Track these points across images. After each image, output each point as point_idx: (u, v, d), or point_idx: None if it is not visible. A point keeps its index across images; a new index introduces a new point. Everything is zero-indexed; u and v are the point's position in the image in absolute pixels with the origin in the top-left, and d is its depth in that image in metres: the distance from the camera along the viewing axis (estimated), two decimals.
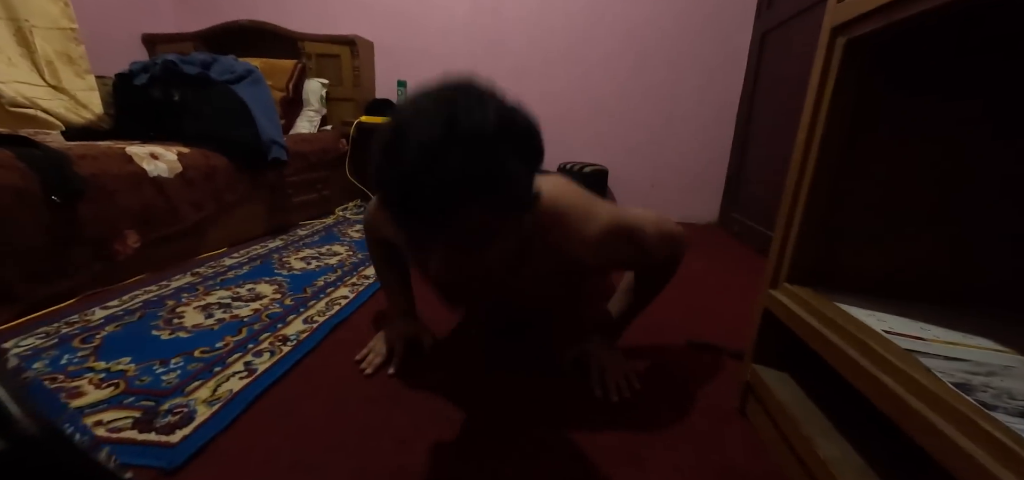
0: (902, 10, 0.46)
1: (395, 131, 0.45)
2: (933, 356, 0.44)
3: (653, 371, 0.84)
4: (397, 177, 0.44)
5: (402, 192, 0.45)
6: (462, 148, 0.43)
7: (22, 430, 0.25)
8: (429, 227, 0.47)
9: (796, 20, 1.72)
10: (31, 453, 0.25)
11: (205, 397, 0.69)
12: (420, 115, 0.45)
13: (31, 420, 0.25)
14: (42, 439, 0.26)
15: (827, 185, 0.59)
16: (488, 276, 0.58)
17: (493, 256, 0.52)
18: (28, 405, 0.26)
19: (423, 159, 0.42)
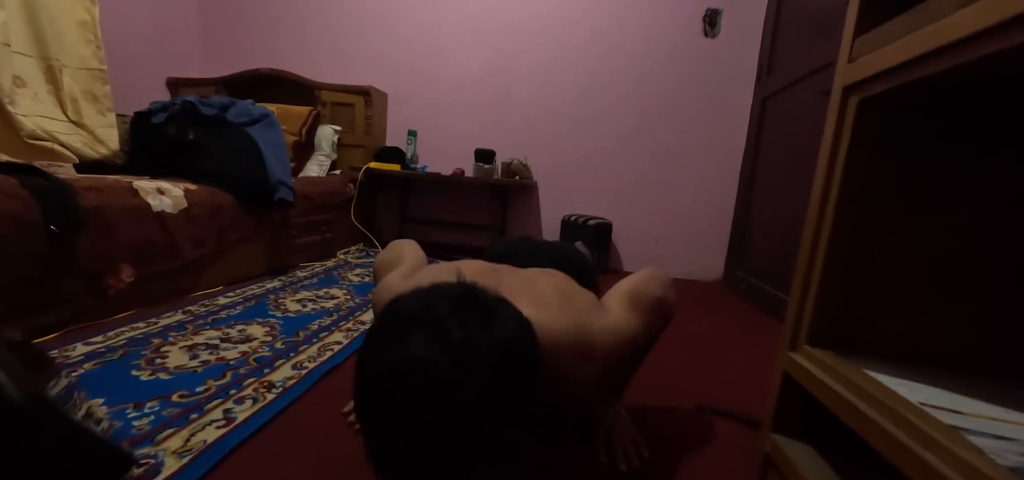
0: (916, 70, 0.46)
1: (383, 402, 0.41)
2: (978, 434, 0.39)
3: (661, 437, 0.78)
4: (386, 458, 0.43)
5: (392, 470, 0.43)
6: (458, 429, 0.40)
7: (8, 397, 0.26)
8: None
9: (794, 88, 1.78)
10: (14, 417, 0.26)
11: (176, 447, 0.63)
12: (412, 383, 0.40)
13: (16, 387, 0.27)
14: (25, 405, 0.27)
15: (844, 246, 0.57)
16: None
17: None
18: (17, 375, 0.27)
19: (417, 442, 0.40)
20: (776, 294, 1.68)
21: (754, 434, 0.76)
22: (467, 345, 0.42)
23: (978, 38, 0.39)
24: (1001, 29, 0.37)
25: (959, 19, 0.40)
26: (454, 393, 0.40)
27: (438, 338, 0.42)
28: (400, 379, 0.41)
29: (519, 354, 0.45)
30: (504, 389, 0.43)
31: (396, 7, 2.41)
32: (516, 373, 0.45)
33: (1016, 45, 0.36)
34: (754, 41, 2.17)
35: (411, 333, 0.43)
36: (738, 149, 2.25)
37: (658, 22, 2.26)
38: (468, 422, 0.41)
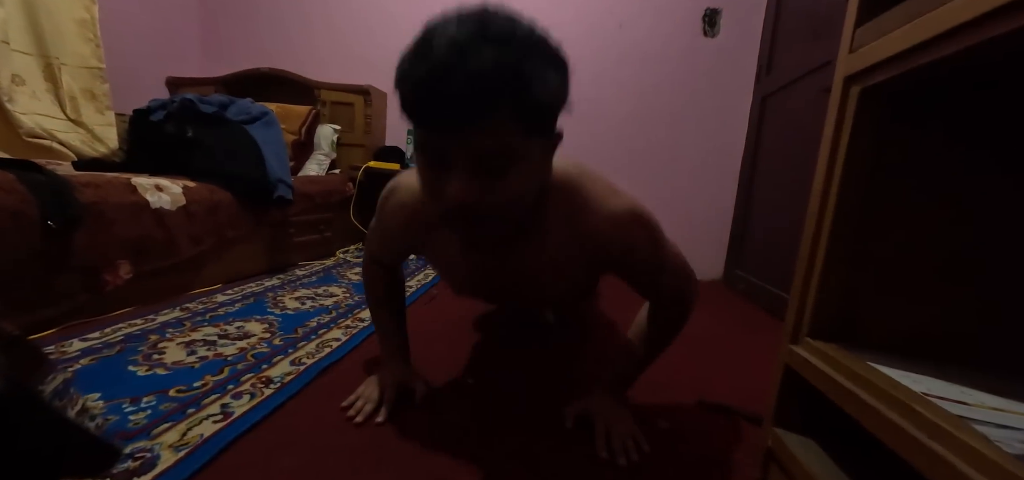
0: (916, 58, 0.46)
1: (425, 33, 0.45)
2: (984, 423, 0.39)
3: (662, 432, 0.77)
4: (426, 72, 0.43)
5: (431, 89, 0.43)
6: (495, 47, 0.43)
7: None
8: (458, 129, 0.45)
9: (794, 86, 1.78)
10: None
11: (172, 442, 0.62)
12: (450, 20, 0.45)
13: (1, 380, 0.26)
14: (7, 395, 0.27)
15: (846, 237, 0.56)
16: (505, 217, 0.53)
17: (514, 184, 0.49)
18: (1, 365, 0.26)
19: (455, 53, 0.42)
20: (776, 293, 1.67)
21: (755, 430, 0.76)
22: (506, 8, 0.46)
23: (975, 24, 0.38)
24: (997, 15, 0.37)
25: (957, 6, 0.40)
26: (494, 18, 0.45)
27: (476, 7, 0.46)
28: (455, 22, 0.44)
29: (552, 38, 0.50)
30: (547, 38, 0.49)
31: (396, 6, 2.41)
32: (552, 40, 0.50)
33: (1011, 31, 0.36)
34: (753, 40, 2.17)
35: (449, 12, 0.46)
36: (738, 148, 2.25)
37: (657, 22, 2.26)
38: (528, 36, 0.46)
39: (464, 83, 0.42)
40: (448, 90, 0.42)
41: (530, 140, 0.49)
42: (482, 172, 0.47)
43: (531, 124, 0.48)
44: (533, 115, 0.47)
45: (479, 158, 0.47)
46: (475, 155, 0.46)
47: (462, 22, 0.44)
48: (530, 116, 0.47)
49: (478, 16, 0.45)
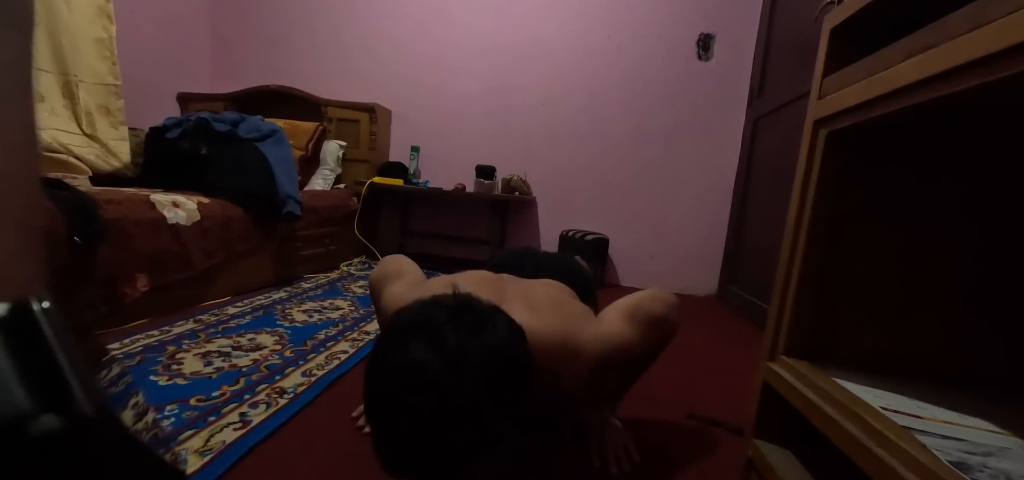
0: (875, 109, 0.52)
1: (385, 402, 0.47)
2: (930, 434, 0.44)
3: (652, 443, 0.82)
4: (392, 454, 0.48)
5: (398, 466, 0.48)
6: (452, 425, 0.45)
7: (78, 411, 0.23)
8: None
9: (784, 110, 1.85)
10: (85, 434, 0.24)
11: (197, 447, 0.67)
12: (411, 385, 0.46)
13: (89, 403, 0.24)
14: (98, 422, 0.24)
15: (817, 264, 0.62)
16: None
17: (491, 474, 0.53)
18: (90, 387, 0.24)
19: (418, 439, 0.45)
20: (767, 308, 1.73)
21: (737, 441, 0.80)
22: (460, 350, 0.47)
23: (920, 85, 0.45)
24: (938, 79, 0.43)
25: (904, 68, 0.46)
26: (448, 393, 0.45)
27: (434, 344, 0.47)
28: (401, 381, 0.46)
29: (509, 357, 0.50)
30: (495, 389, 0.48)
31: (401, 28, 2.50)
32: (506, 374, 0.49)
33: (952, 92, 0.42)
34: (746, 64, 2.26)
35: (411, 340, 0.48)
36: (731, 168, 2.32)
37: (653, 45, 2.34)
38: (462, 419, 0.46)
39: (430, 466, 0.47)
40: (416, 468, 0.48)
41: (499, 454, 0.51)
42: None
43: (494, 457, 0.51)
44: (496, 456, 0.50)
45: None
46: None
47: (422, 395, 0.45)
48: (492, 458, 0.50)
49: (437, 383, 0.45)
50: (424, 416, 0.45)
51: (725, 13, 2.27)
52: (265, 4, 2.61)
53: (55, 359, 0.24)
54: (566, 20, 2.39)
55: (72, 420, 0.23)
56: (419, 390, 0.45)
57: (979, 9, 0.38)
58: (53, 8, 1.72)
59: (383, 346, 0.51)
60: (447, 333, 0.48)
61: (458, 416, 0.45)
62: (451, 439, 0.46)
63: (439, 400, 0.45)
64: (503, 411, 0.49)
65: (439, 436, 0.45)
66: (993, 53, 0.37)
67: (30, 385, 0.22)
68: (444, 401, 0.45)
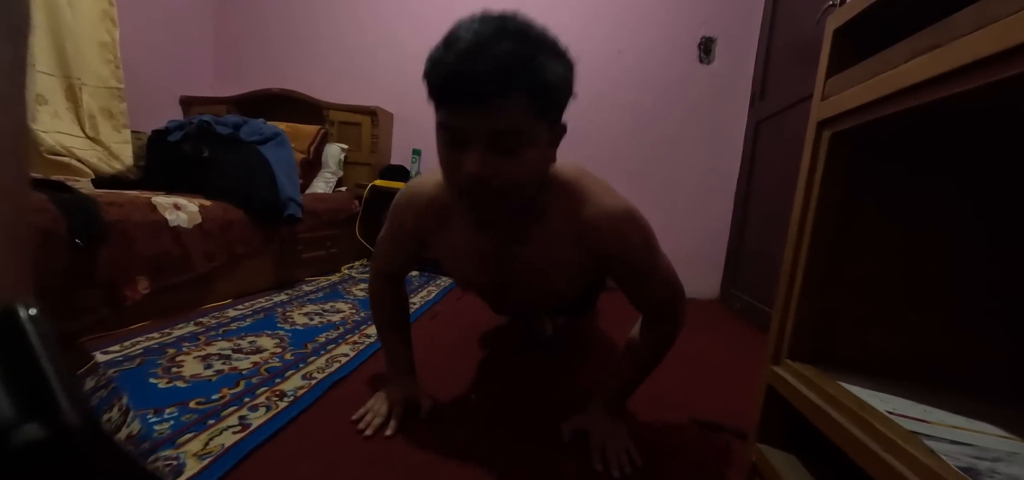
0: (880, 110, 0.52)
1: (452, 31, 0.54)
2: (938, 439, 0.44)
3: (655, 447, 0.81)
4: (452, 59, 0.51)
5: (456, 72, 0.51)
6: (512, 40, 0.51)
7: (63, 420, 0.23)
8: (477, 108, 0.53)
9: (786, 113, 1.85)
10: (70, 444, 0.23)
11: (196, 450, 0.67)
12: (474, 20, 0.53)
13: (75, 412, 0.24)
14: (83, 431, 0.24)
15: (821, 267, 0.62)
16: (514, 192, 0.60)
17: (524, 163, 0.57)
18: (76, 396, 0.24)
19: (478, 44, 0.50)
20: (769, 312, 1.72)
21: (741, 445, 0.80)
22: (525, 19, 0.55)
23: (925, 86, 0.44)
24: (943, 79, 0.42)
25: (908, 69, 0.46)
26: (518, 19, 0.54)
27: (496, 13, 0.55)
28: (479, 20, 0.53)
29: None
30: (557, 41, 0.57)
31: (403, 31, 2.51)
32: (562, 44, 0.58)
33: (957, 93, 0.42)
34: (747, 68, 2.26)
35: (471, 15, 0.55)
36: (733, 171, 2.31)
37: (655, 49, 2.35)
38: (541, 35, 0.55)
39: (484, 68, 0.51)
40: (470, 73, 0.51)
41: (539, 124, 0.57)
42: (495, 150, 0.55)
43: (540, 109, 0.56)
44: (542, 99, 0.56)
45: (494, 136, 0.55)
46: (490, 133, 0.54)
47: (485, 21, 0.53)
48: (539, 101, 0.55)
49: (499, 16, 0.53)
50: (491, 30, 0.51)
51: (726, 16, 2.27)
52: (268, 8, 2.63)
53: (40, 367, 0.24)
54: (567, 24, 2.39)
55: (57, 429, 0.23)
56: (489, 17, 0.53)
57: (983, 8, 0.38)
58: (57, 12, 1.74)
59: None
60: (509, 13, 0.55)
61: (522, 37, 0.52)
62: (512, 50, 0.51)
63: (507, 23, 0.52)
64: (559, 59, 0.57)
65: (502, 46, 0.50)
66: (998, 52, 0.36)
67: (14, 393, 0.22)
68: (511, 24, 0.53)
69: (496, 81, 0.51)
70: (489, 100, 0.52)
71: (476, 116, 0.54)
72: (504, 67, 0.51)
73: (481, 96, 0.52)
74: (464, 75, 0.51)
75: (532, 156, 0.58)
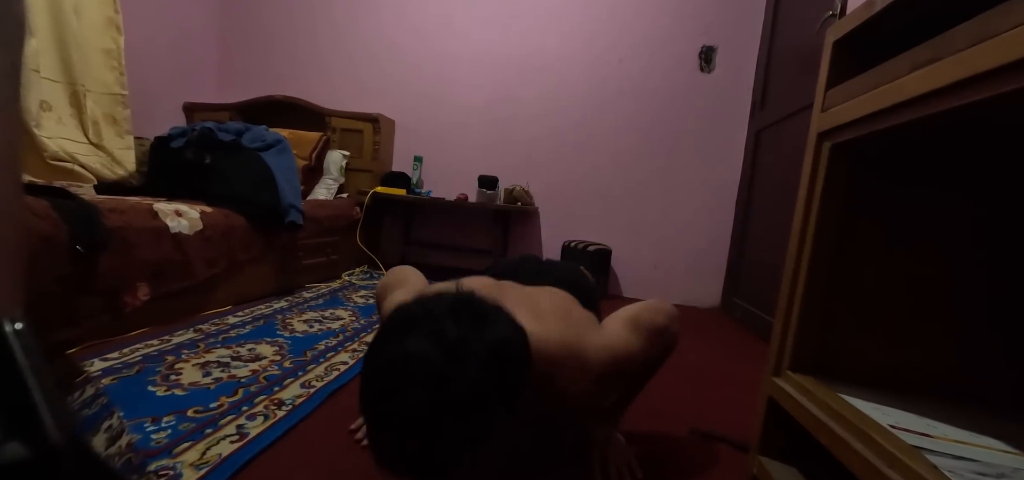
0: (880, 122, 0.52)
1: (383, 394, 0.46)
2: (941, 454, 0.43)
3: (656, 459, 0.80)
4: (386, 448, 0.47)
5: (394, 462, 0.47)
6: (451, 419, 0.44)
7: (47, 439, 0.22)
8: None
9: (786, 122, 1.85)
10: (54, 464, 0.23)
11: (193, 460, 0.66)
12: (410, 375, 0.44)
13: (59, 430, 0.23)
14: (66, 451, 0.23)
15: (822, 277, 0.61)
16: None
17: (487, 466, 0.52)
18: (61, 413, 0.24)
19: (415, 432, 0.44)
20: (770, 321, 1.71)
21: (744, 457, 0.79)
22: (461, 342, 0.45)
23: (924, 99, 0.44)
24: (943, 92, 0.42)
25: (908, 82, 0.46)
26: (446, 384, 0.43)
27: (434, 335, 0.45)
28: (397, 371, 0.45)
29: (510, 355, 0.49)
30: (494, 385, 0.46)
31: (406, 39, 2.52)
32: (506, 372, 0.48)
33: (956, 106, 0.42)
34: (748, 77, 2.27)
35: (410, 332, 0.46)
36: (733, 179, 2.31)
37: (655, 58, 2.36)
38: (459, 413, 0.44)
39: (425, 462, 0.45)
40: (411, 465, 0.46)
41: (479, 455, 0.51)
42: None
43: (490, 449, 0.50)
44: (492, 447, 0.49)
45: None
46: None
47: (420, 388, 0.44)
48: (490, 449, 0.49)
49: (436, 374, 0.44)
50: (423, 408, 0.43)
51: (727, 26, 2.29)
52: (271, 16, 2.65)
53: (25, 384, 0.23)
54: (569, 33, 2.41)
55: (40, 448, 0.22)
56: (418, 382, 0.44)
57: (982, 23, 0.38)
58: (63, 19, 1.75)
59: (381, 338, 0.49)
60: (448, 326, 0.46)
61: (458, 410, 0.44)
62: (450, 433, 0.44)
63: (439, 392, 0.43)
64: (503, 409, 0.48)
65: (438, 430, 0.44)
66: (997, 67, 0.36)
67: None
68: (444, 393, 0.43)
69: (439, 465, 0.46)
70: (435, 474, 0.46)
71: None
72: (446, 455, 0.45)
73: (426, 475, 0.47)
74: (405, 465, 0.46)
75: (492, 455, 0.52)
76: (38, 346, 0.24)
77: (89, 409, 0.52)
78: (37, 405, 0.23)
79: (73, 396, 0.52)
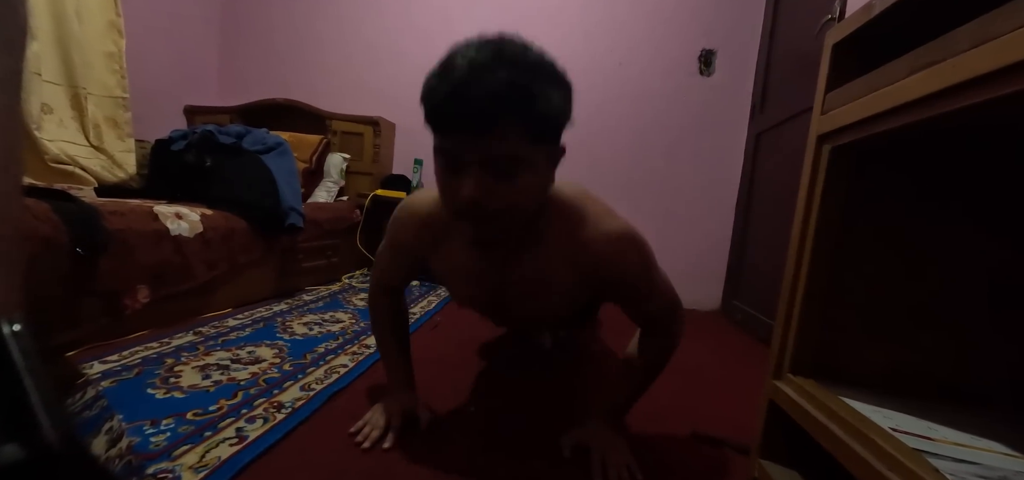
0: (880, 124, 0.52)
1: (448, 56, 0.53)
2: (942, 457, 0.43)
3: (656, 462, 0.80)
4: (448, 87, 0.51)
5: (452, 100, 0.51)
6: (507, 68, 0.50)
7: (44, 440, 0.22)
8: (473, 136, 0.52)
9: (786, 125, 1.85)
10: (50, 466, 0.23)
11: (192, 463, 0.66)
12: (470, 46, 0.53)
13: (56, 432, 0.23)
14: (61, 453, 0.23)
15: (823, 280, 0.61)
16: (511, 215, 0.60)
17: (521, 187, 0.56)
18: (58, 415, 0.24)
19: (473, 72, 0.50)
20: (771, 324, 1.71)
21: (745, 460, 0.79)
22: (520, 38, 0.55)
23: (924, 101, 0.44)
24: (942, 95, 0.43)
25: (908, 84, 0.46)
26: (527, 49, 0.54)
27: (494, 37, 0.55)
28: (476, 46, 0.53)
29: (560, 66, 0.58)
30: (554, 65, 0.57)
31: (406, 42, 2.53)
32: (559, 67, 0.58)
33: (956, 109, 0.42)
34: (747, 80, 2.27)
35: (470, 39, 0.55)
36: (734, 182, 2.31)
37: (655, 61, 2.36)
38: (549, 63, 0.55)
39: (479, 96, 0.50)
40: (466, 102, 0.51)
41: (536, 149, 0.57)
42: (492, 174, 0.55)
43: (537, 135, 0.56)
44: (539, 127, 0.55)
45: (490, 161, 0.54)
46: (487, 159, 0.54)
47: (481, 46, 0.53)
48: (536, 127, 0.55)
49: (495, 42, 0.53)
50: (487, 56, 0.51)
51: (726, 29, 2.29)
52: (272, 19, 2.66)
53: (21, 385, 0.23)
54: (567, 36, 2.41)
55: (36, 451, 0.22)
56: (486, 42, 0.53)
57: (981, 26, 0.38)
58: (65, 23, 1.76)
59: None
60: (507, 37, 0.55)
61: (518, 64, 0.51)
62: (508, 78, 0.50)
63: (503, 49, 0.52)
64: (556, 86, 0.56)
65: (497, 73, 0.50)
66: (996, 69, 0.36)
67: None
68: (508, 51, 0.52)
69: (491, 109, 0.51)
70: (485, 128, 0.52)
71: (472, 142, 0.53)
72: (499, 95, 0.50)
73: (476, 124, 0.52)
74: (459, 103, 0.51)
75: (529, 180, 0.58)
76: (36, 348, 0.24)
77: (90, 410, 0.52)
78: (34, 407, 0.23)
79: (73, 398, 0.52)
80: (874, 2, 0.54)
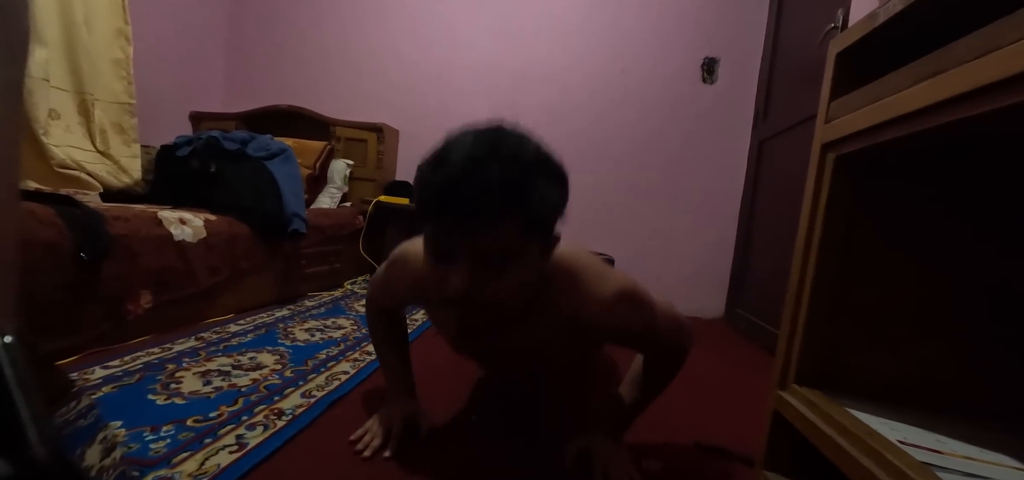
0: (884, 134, 0.51)
1: (443, 148, 0.53)
2: (952, 471, 0.42)
3: (659, 473, 0.79)
4: (442, 180, 0.50)
5: (445, 194, 0.50)
6: (502, 165, 0.50)
7: (32, 456, 0.22)
8: (463, 232, 0.51)
9: (789, 133, 1.85)
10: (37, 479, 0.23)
11: (192, 470, 0.66)
12: (466, 136, 0.53)
13: (44, 446, 0.23)
14: (50, 468, 0.23)
15: (828, 290, 0.61)
16: (502, 308, 0.59)
17: (512, 280, 0.55)
18: (47, 429, 0.24)
19: (467, 167, 0.49)
20: (775, 332, 1.69)
21: (750, 472, 0.77)
22: (516, 129, 0.56)
23: (928, 111, 0.44)
24: (947, 104, 0.42)
25: (912, 94, 0.46)
26: (508, 139, 0.54)
27: (490, 127, 0.55)
28: (471, 138, 0.53)
29: (554, 156, 0.58)
30: (549, 158, 0.56)
31: (410, 49, 2.55)
32: (554, 158, 0.57)
33: (960, 118, 0.41)
34: (750, 88, 2.27)
35: (466, 129, 0.56)
36: (737, 190, 2.31)
37: (658, 69, 2.37)
38: (545, 157, 0.55)
39: (473, 192, 0.49)
40: (459, 197, 0.50)
41: (529, 243, 0.55)
42: (483, 267, 0.54)
43: (530, 230, 0.54)
44: (532, 223, 0.54)
45: (482, 255, 0.53)
46: (479, 253, 0.53)
47: (477, 140, 0.52)
48: (529, 224, 0.54)
49: (491, 133, 0.53)
50: (482, 153, 0.50)
51: (729, 37, 2.30)
52: (278, 27, 2.69)
53: (11, 398, 0.23)
54: (571, 43, 2.43)
55: (24, 465, 0.22)
56: (481, 136, 0.53)
57: (987, 36, 0.38)
58: (74, 29, 1.78)
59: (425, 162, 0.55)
60: (503, 129, 0.55)
61: (513, 161, 0.51)
62: (502, 177, 0.50)
63: (499, 144, 0.52)
64: (550, 181, 0.55)
65: (491, 171, 0.49)
66: (1000, 80, 0.36)
67: None
68: (503, 146, 0.51)
69: (484, 206, 0.50)
70: (477, 224, 0.51)
71: (463, 236, 0.52)
72: (493, 192, 0.49)
73: (469, 219, 0.50)
74: (452, 198, 0.50)
75: (520, 273, 0.56)
76: (28, 359, 0.24)
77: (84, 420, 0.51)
78: (22, 421, 0.23)
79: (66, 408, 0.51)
80: (878, 11, 0.54)
